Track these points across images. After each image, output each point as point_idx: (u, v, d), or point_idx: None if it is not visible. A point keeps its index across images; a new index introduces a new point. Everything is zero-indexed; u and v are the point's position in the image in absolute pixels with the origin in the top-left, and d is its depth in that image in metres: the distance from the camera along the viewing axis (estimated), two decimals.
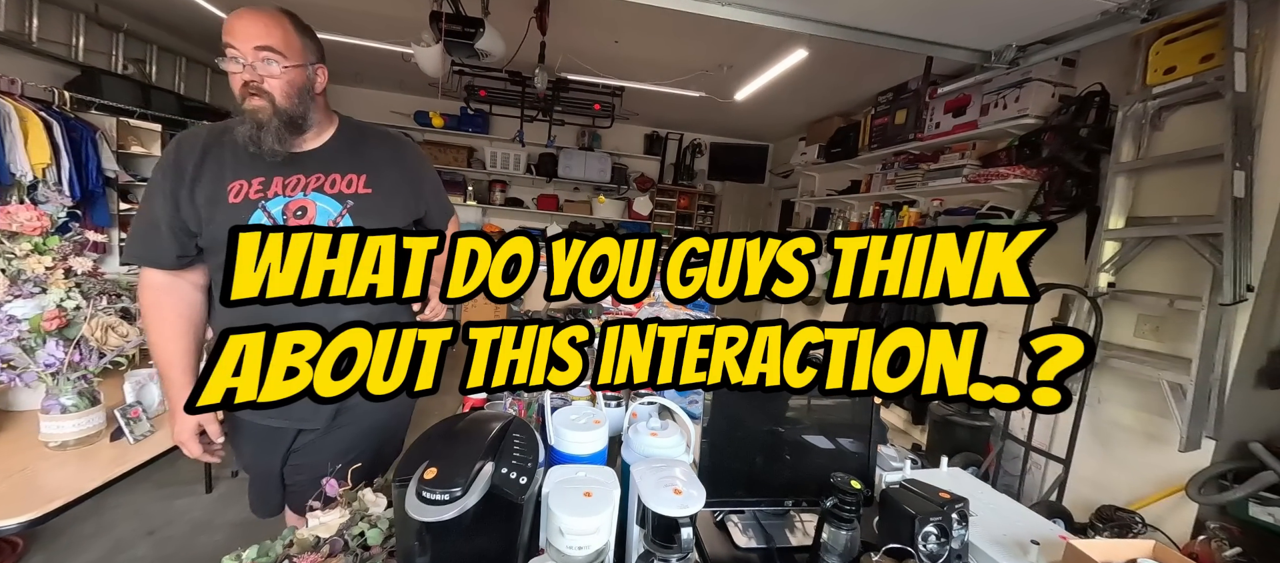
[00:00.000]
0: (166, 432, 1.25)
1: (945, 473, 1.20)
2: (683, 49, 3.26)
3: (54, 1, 3.25)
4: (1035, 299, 0.71)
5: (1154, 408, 2.09)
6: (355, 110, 6.31)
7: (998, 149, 2.88)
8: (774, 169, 6.18)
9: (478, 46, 2.28)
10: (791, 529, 1.03)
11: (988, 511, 1.03)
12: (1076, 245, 2.47)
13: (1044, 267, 2.59)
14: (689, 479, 0.83)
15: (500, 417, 0.86)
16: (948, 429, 2.77)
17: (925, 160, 3.38)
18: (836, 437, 1.06)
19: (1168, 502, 2.02)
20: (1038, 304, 2.46)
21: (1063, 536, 0.91)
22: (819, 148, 4.55)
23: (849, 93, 3.93)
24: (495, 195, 5.79)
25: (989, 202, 2.92)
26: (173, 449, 1.20)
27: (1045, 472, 2.53)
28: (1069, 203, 2.47)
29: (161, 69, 4.10)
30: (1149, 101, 2.12)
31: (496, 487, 0.74)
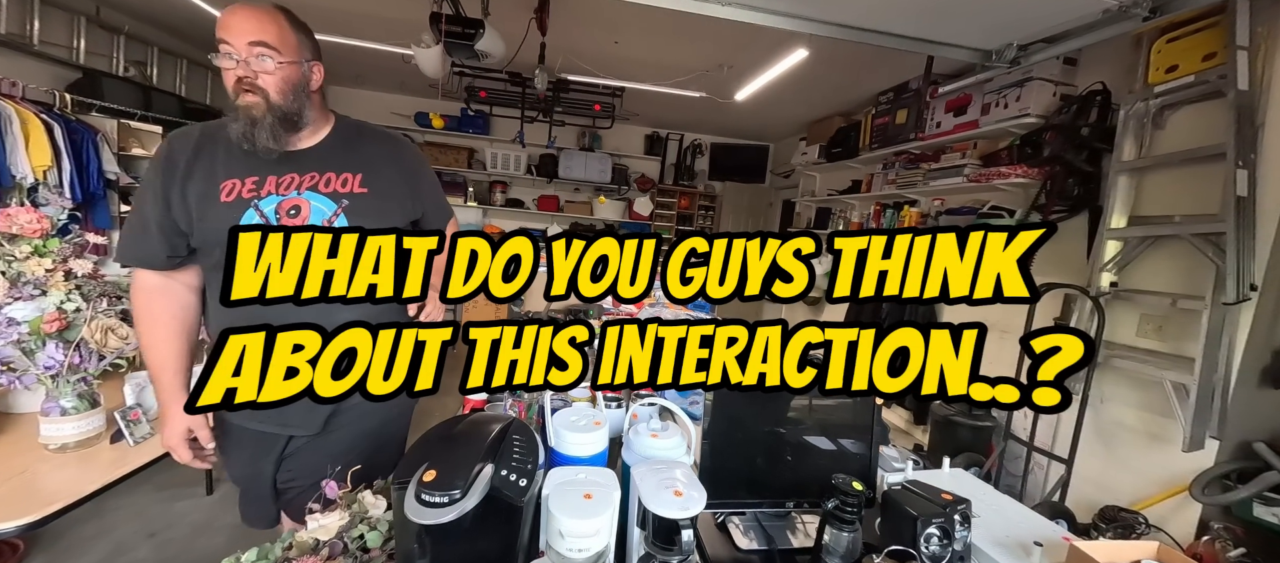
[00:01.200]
0: None
1: (947, 474, 1.19)
2: (683, 49, 3.26)
3: (55, 4, 3.25)
4: (1035, 299, 0.72)
5: (1157, 408, 2.09)
6: (356, 111, 6.28)
7: (999, 148, 2.87)
8: (775, 169, 6.18)
9: (478, 47, 2.28)
10: (793, 531, 1.03)
11: (990, 512, 1.02)
12: (1078, 245, 2.46)
13: (1046, 266, 2.58)
14: (690, 481, 0.82)
15: (500, 418, 0.86)
16: (950, 430, 2.76)
17: (926, 160, 3.37)
18: (838, 438, 1.06)
19: (1171, 502, 2.01)
20: (1039, 304, 2.46)
21: (1066, 537, 0.91)
22: (820, 148, 4.54)
23: (850, 93, 3.92)
24: (496, 196, 5.79)
25: (990, 201, 2.92)
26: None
27: (1048, 472, 2.52)
28: (1071, 202, 2.46)
29: (163, 71, 4.10)
30: (1151, 100, 2.11)
31: (496, 489, 0.74)
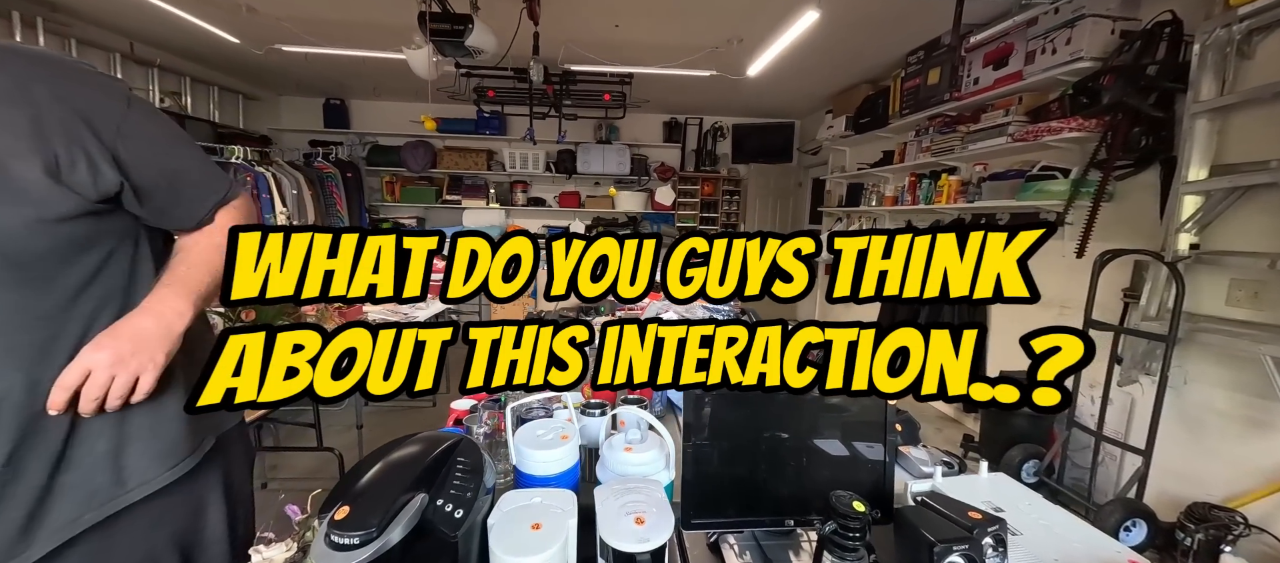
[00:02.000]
0: None
1: (985, 480, 1.02)
2: (687, 27, 3.10)
3: (91, 43, 3.46)
4: (1035, 300, 0.68)
5: (1254, 388, 1.79)
6: (377, 124, 6.45)
7: (1048, 101, 2.55)
8: (802, 147, 5.88)
9: (468, 43, 2.22)
10: (796, 552, 0.90)
11: (1037, 528, 0.85)
12: (1149, 203, 2.15)
13: (1110, 231, 2.27)
14: (657, 507, 0.72)
15: (443, 439, 0.78)
16: (1003, 418, 2.50)
17: (964, 122, 3.07)
18: (852, 441, 0.91)
19: (1276, 498, 1.71)
20: (1103, 278, 2.16)
21: (1133, 561, 0.73)
22: (846, 119, 4.26)
23: (874, 56, 3.63)
24: (517, 196, 5.80)
25: (1040, 161, 2.60)
26: None
27: (1122, 464, 2.23)
28: (1137, 155, 2.15)
29: (196, 99, 4.34)
30: (1234, 26, 1.78)
31: (428, 521, 0.66)
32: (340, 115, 5.55)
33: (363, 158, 5.57)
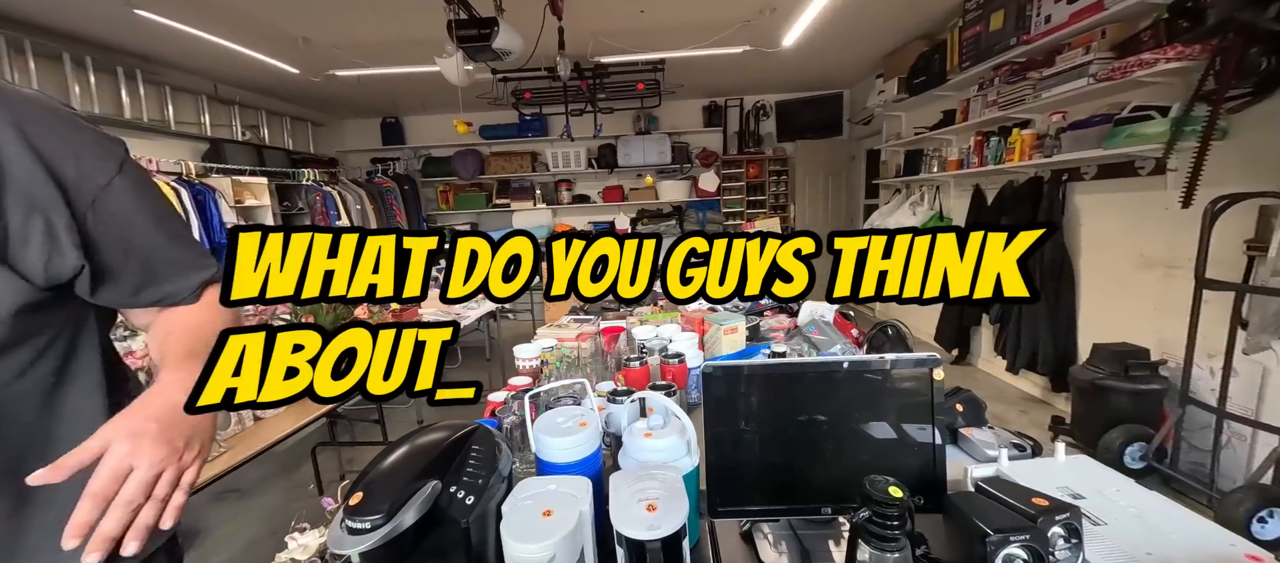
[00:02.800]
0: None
1: (1063, 463, 0.89)
2: (714, 2, 2.98)
3: (182, 89, 3.89)
4: (1035, 300, 0.62)
5: None
6: (429, 137, 6.77)
7: (1139, 31, 2.22)
8: (852, 118, 5.54)
9: (495, 46, 2.26)
10: (837, 542, 0.82)
11: (1124, 517, 0.73)
12: (1273, 137, 1.81)
13: (1223, 173, 1.94)
14: (671, 493, 0.68)
15: (459, 427, 0.78)
16: (1099, 397, 2.22)
17: (1035, 67, 2.74)
18: (899, 421, 0.82)
19: None
20: (1221, 224, 1.85)
21: (1253, 557, 0.60)
22: (899, 82, 3.95)
23: (926, 7, 3.32)
24: (562, 195, 5.90)
25: (1131, 101, 2.27)
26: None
27: (1253, 446, 1.91)
28: (1256, 80, 1.82)
29: (272, 130, 4.78)
30: None
31: (440, 508, 0.67)
32: (396, 132, 5.89)
33: (418, 170, 5.90)
